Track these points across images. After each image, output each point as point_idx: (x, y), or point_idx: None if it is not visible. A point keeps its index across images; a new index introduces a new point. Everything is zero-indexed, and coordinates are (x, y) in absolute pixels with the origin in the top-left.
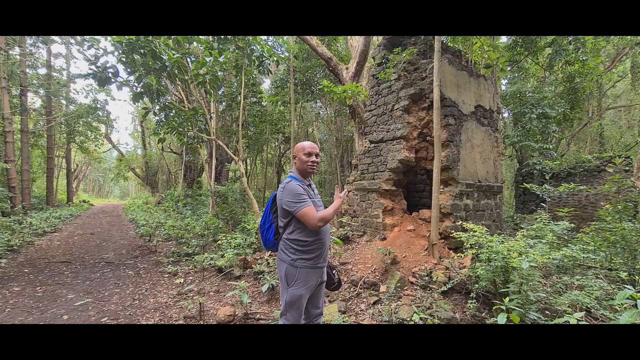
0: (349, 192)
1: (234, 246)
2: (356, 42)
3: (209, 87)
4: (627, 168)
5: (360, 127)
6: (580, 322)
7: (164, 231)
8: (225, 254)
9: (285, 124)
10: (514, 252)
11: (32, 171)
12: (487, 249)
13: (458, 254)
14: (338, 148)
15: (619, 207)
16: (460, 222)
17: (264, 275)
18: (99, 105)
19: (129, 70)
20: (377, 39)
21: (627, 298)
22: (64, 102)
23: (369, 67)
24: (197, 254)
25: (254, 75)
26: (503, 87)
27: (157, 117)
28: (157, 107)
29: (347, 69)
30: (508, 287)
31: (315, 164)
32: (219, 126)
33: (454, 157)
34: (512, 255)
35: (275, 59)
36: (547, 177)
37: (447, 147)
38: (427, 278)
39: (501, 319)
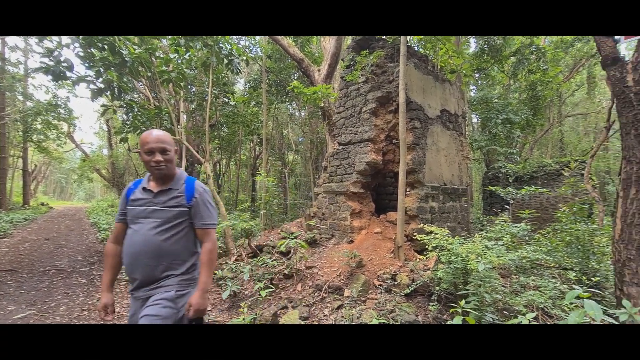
0: (318, 194)
1: None
2: (328, 43)
3: (175, 86)
4: (583, 172)
5: (331, 129)
6: (533, 322)
7: None
8: None
9: (259, 125)
10: (473, 254)
11: None
12: (448, 251)
13: (422, 256)
14: (312, 150)
15: (575, 209)
16: (423, 224)
17: (226, 281)
18: (59, 102)
19: (87, 65)
20: (349, 41)
21: (576, 298)
22: (20, 97)
23: (340, 69)
24: None
25: (224, 75)
26: (472, 93)
27: (123, 116)
28: (123, 104)
29: (319, 70)
30: (467, 289)
31: (160, 164)
32: (189, 126)
33: (419, 160)
34: (470, 257)
35: (244, 57)
36: (511, 180)
37: (413, 150)
38: (391, 281)
39: (456, 322)
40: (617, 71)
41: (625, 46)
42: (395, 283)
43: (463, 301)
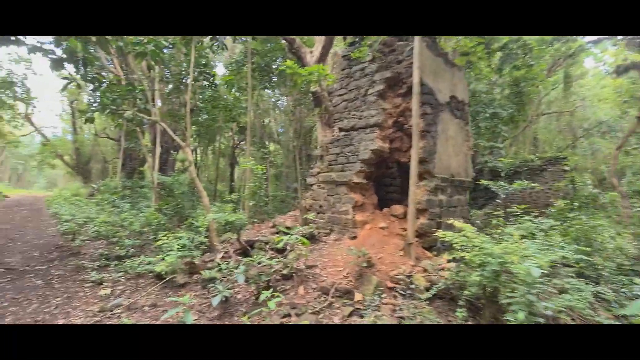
0: (312, 185)
1: (178, 247)
2: None
3: (150, 60)
4: (565, 168)
5: (323, 117)
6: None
7: (92, 228)
8: (167, 257)
9: (240, 111)
10: (512, 254)
11: None
12: (480, 250)
13: (433, 253)
14: (298, 140)
15: (576, 203)
16: (432, 219)
17: (215, 284)
18: (15, 79)
19: None
20: None
21: None
22: None
23: (333, 53)
24: (131, 256)
25: (206, 52)
26: None
27: (90, 98)
28: (90, 78)
29: (311, 52)
30: (509, 296)
31: None
32: (164, 110)
33: (430, 149)
34: (510, 259)
35: None
36: (503, 175)
37: (423, 138)
38: (406, 283)
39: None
40: None
41: None
42: (412, 285)
43: (521, 314)
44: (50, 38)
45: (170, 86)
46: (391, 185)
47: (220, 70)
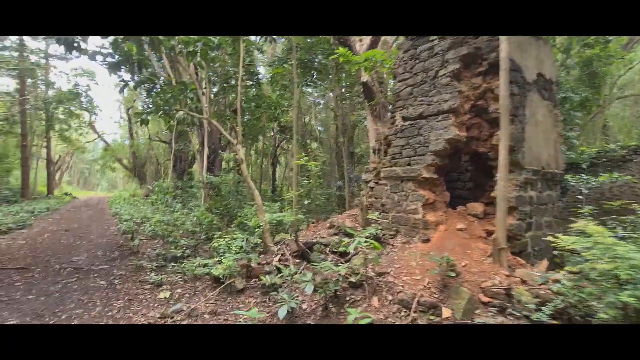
0: (368, 182)
1: (235, 250)
2: None
3: (200, 59)
4: None
5: (374, 109)
6: None
7: (149, 227)
8: (224, 260)
9: (283, 109)
10: None
11: (8, 161)
12: (623, 261)
13: (544, 261)
14: (344, 135)
15: None
16: (521, 219)
17: (277, 291)
18: (80, 91)
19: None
20: None
21: None
22: (42, 87)
23: (383, 41)
24: (187, 256)
25: (251, 49)
26: None
27: (143, 104)
28: (144, 81)
29: (360, 41)
30: None
31: None
32: (211, 111)
33: (518, 136)
34: None
35: None
36: (585, 167)
37: (511, 123)
38: (505, 297)
39: None
40: None
41: None
42: (515, 302)
43: None
44: (107, 45)
45: (215, 88)
46: (458, 181)
47: (260, 71)
